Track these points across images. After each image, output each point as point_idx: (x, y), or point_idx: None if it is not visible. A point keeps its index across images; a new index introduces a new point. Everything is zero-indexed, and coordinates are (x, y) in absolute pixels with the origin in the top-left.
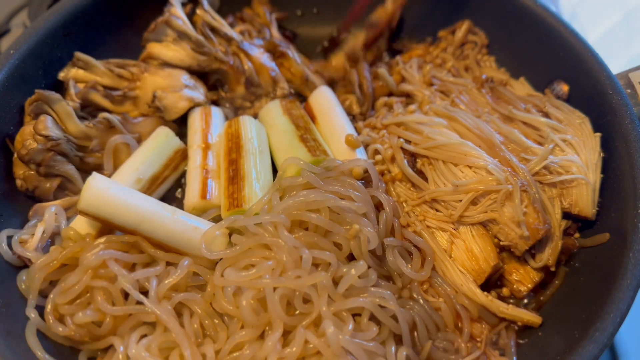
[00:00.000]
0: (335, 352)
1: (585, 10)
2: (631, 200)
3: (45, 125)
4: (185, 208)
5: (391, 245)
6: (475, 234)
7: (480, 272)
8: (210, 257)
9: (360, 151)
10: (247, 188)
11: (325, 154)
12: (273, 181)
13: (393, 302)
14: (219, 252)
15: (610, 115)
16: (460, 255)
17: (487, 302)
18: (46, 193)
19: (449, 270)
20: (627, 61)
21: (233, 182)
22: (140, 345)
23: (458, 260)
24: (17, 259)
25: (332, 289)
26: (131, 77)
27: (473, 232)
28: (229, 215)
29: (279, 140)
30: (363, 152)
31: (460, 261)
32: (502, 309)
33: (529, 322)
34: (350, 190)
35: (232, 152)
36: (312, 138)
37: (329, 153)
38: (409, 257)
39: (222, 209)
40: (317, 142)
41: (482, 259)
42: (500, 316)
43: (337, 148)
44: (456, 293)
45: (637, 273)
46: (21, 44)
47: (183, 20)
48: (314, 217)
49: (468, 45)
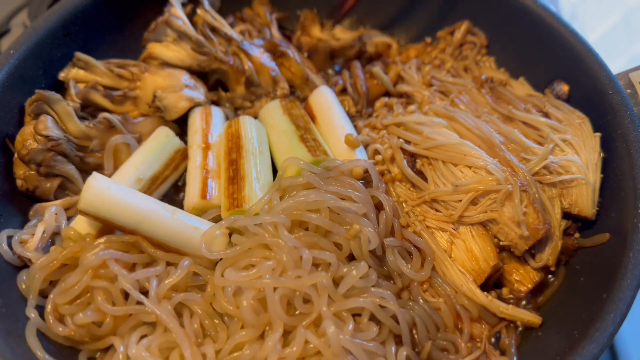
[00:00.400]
0: (336, 352)
1: (585, 10)
2: (631, 200)
3: (46, 125)
4: (185, 208)
5: (391, 246)
6: (475, 234)
7: (480, 272)
8: (210, 257)
9: (360, 151)
10: (247, 188)
11: (325, 154)
12: (273, 181)
13: (393, 302)
14: (219, 252)
15: (610, 115)
16: (460, 256)
17: (486, 302)
18: (46, 193)
19: (448, 270)
20: (627, 61)
21: (233, 182)
22: (141, 345)
23: (458, 260)
24: (17, 259)
25: (332, 289)
26: (131, 77)
27: (473, 232)
28: (229, 215)
29: (279, 140)
30: (363, 152)
31: (460, 261)
32: (502, 309)
33: (528, 323)
34: (350, 190)
35: (232, 152)
36: (312, 138)
37: (329, 153)
38: (409, 257)
39: (222, 209)
40: (317, 142)
41: (482, 259)
42: (500, 316)
43: (337, 148)
44: (456, 293)
45: (637, 273)
46: (21, 44)
47: (183, 20)
48: (314, 217)
49: (467, 46)
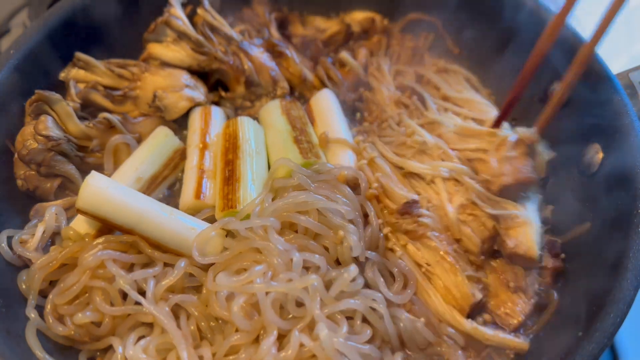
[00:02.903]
0: (330, 355)
1: (585, 10)
2: (631, 201)
3: (46, 125)
4: (180, 207)
5: (371, 261)
6: (447, 267)
7: (461, 309)
8: (202, 261)
9: (350, 156)
10: (242, 189)
11: (317, 157)
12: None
13: (383, 305)
14: (210, 257)
15: (610, 115)
16: (440, 291)
17: (471, 331)
18: (47, 193)
19: (431, 298)
20: (627, 61)
21: (228, 183)
22: (138, 346)
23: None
24: (18, 259)
25: (323, 291)
26: (132, 77)
27: (445, 265)
28: (223, 216)
29: (274, 140)
30: (353, 159)
31: (442, 295)
32: (488, 337)
33: (515, 349)
34: (339, 195)
35: (229, 152)
36: (306, 140)
37: (321, 156)
38: (389, 278)
39: (216, 210)
40: (311, 144)
41: (459, 297)
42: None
43: (332, 152)
44: (440, 322)
45: (637, 273)
46: (21, 44)
47: (182, 20)
48: (302, 218)
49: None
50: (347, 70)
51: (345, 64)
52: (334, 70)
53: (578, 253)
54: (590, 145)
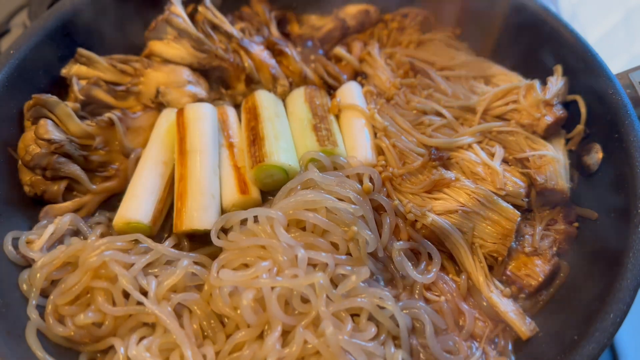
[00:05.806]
0: (335, 352)
1: (585, 10)
2: (631, 201)
3: (46, 129)
4: (224, 206)
5: (397, 249)
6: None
7: (507, 234)
8: (217, 243)
9: (367, 147)
10: (267, 145)
11: (334, 145)
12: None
13: (392, 302)
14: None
15: (610, 115)
16: (480, 225)
17: (489, 297)
18: (55, 195)
19: (461, 254)
20: (627, 61)
21: (254, 144)
22: (141, 346)
23: (479, 232)
24: (21, 259)
25: (330, 289)
26: (134, 73)
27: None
28: (254, 173)
29: (294, 126)
30: (369, 149)
31: (481, 232)
32: (500, 310)
33: (519, 331)
34: (349, 191)
35: (251, 121)
36: (325, 128)
37: (339, 144)
38: (415, 259)
39: (247, 169)
40: (329, 132)
41: (504, 220)
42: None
43: (349, 142)
44: (459, 289)
45: (637, 273)
46: (21, 44)
47: (183, 18)
48: (310, 216)
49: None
50: (345, 64)
51: (342, 58)
52: (332, 66)
53: (578, 253)
54: (590, 145)
